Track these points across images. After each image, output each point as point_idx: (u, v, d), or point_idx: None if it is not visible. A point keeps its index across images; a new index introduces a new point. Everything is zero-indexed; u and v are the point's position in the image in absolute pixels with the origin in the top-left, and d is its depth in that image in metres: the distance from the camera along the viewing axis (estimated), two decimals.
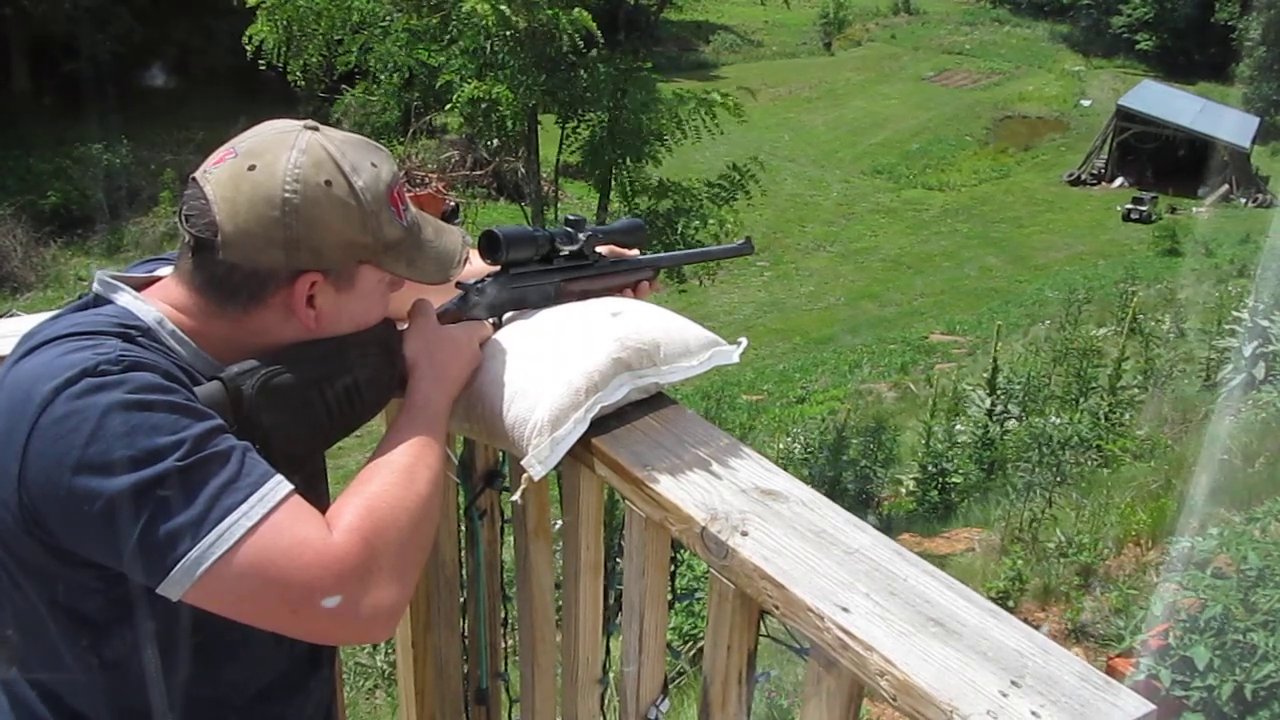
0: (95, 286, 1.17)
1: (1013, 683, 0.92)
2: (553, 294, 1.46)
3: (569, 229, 1.48)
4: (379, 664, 6.85)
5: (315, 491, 1.11)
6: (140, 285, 1.19)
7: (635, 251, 1.59)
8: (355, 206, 1.15)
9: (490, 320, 1.42)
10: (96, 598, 1.06)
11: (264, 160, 1.12)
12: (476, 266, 1.44)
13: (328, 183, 1.13)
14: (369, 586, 1.04)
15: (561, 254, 1.47)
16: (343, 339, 1.23)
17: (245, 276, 1.13)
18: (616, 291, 1.52)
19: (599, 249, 1.52)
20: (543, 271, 1.45)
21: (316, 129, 1.17)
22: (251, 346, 1.17)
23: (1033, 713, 0.89)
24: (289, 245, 1.12)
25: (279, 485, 1.03)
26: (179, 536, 0.98)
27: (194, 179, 1.14)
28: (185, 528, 0.98)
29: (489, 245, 1.40)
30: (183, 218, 1.14)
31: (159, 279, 1.21)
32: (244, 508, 1.00)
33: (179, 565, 0.98)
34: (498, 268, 1.42)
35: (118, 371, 1.01)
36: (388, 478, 1.13)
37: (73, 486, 0.97)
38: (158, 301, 1.16)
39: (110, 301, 1.15)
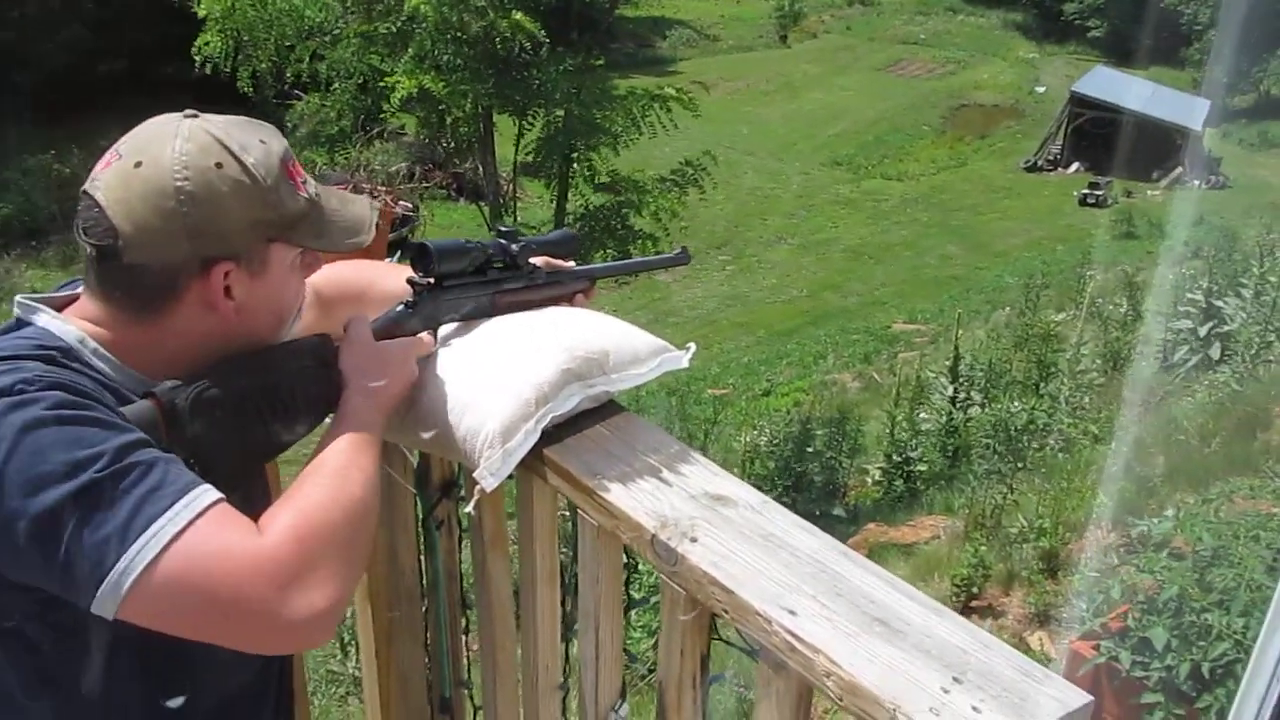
0: (15, 310, 1.16)
1: (954, 679, 0.94)
2: (488, 306, 1.47)
3: (502, 240, 1.49)
4: (350, 671, 6.82)
5: (255, 510, 1.11)
6: (61, 306, 1.18)
7: (571, 263, 1.60)
8: (250, 184, 1.14)
9: (428, 334, 1.42)
10: (35, 622, 1.05)
11: (149, 155, 1.11)
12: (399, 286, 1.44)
13: (218, 165, 1.12)
14: (303, 589, 1.02)
15: (495, 265, 1.48)
16: (276, 352, 1.23)
17: (155, 276, 1.12)
18: (553, 303, 1.53)
19: (533, 260, 1.53)
20: (477, 284, 1.46)
21: (196, 116, 1.16)
22: (175, 350, 1.16)
23: (973, 708, 0.91)
24: (192, 234, 1.11)
25: (204, 493, 1.02)
26: (104, 549, 0.96)
27: (84, 191, 1.13)
28: (109, 539, 0.96)
29: (420, 258, 1.40)
30: (80, 232, 1.12)
31: (79, 297, 1.20)
32: (167, 515, 0.98)
33: (106, 580, 0.96)
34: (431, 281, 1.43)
35: (34, 390, 1.00)
36: (319, 481, 1.12)
37: None
38: (77, 320, 1.15)
39: (30, 324, 1.14)
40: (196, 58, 9.17)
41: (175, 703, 1.18)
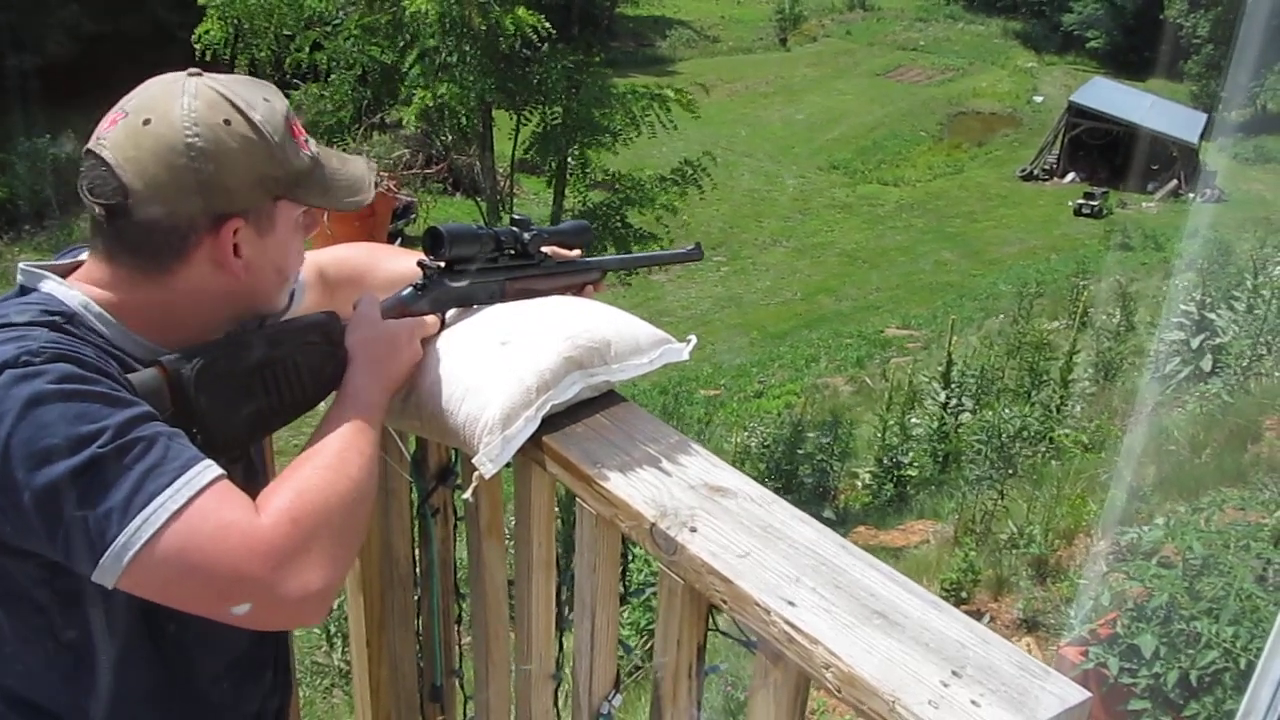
0: (19, 277, 1.16)
1: (954, 673, 0.94)
2: (498, 292, 1.46)
3: (515, 228, 1.49)
4: (336, 663, 6.81)
5: (255, 485, 1.11)
6: (66, 273, 1.18)
7: (579, 252, 1.60)
8: (258, 140, 1.15)
9: (434, 317, 1.42)
10: (44, 587, 1.06)
11: (157, 112, 1.11)
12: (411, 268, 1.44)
13: (226, 121, 1.13)
14: (298, 569, 1.04)
15: (507, 253, 1.47)
16: (284, 326, 1.24)
17: (165, 234, 1.12)
18: (562, 292, 1.53)
19: (545, 249, 1.53)
20: (488, 269, 1.46)
21: (200, 74, 1.17)
22: (181, 312, 1.16)
23: (973, 702, 0.91)
24: (204, 189, 1.11)
25: (206, 469, 1.03)
26: (105, 524, 0.97)
27: (89, 150, 1.13)
28: (110, 514, 0.97)
29: (433, 242, 1.40)
30: (86, 192, 1.12)
31: (83, 264, 1.20)
32: (168, 491, 0.99)
33: (107, 552, 0.97)
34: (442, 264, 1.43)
35: (39, 363, 1.00)
36: (318, 463, 1.13)
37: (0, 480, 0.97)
38: (81, 285, 1.15)
39: (35, 290, 1.14)
40: (198, 46, 9.14)
41: (178, 667, 1.19)
